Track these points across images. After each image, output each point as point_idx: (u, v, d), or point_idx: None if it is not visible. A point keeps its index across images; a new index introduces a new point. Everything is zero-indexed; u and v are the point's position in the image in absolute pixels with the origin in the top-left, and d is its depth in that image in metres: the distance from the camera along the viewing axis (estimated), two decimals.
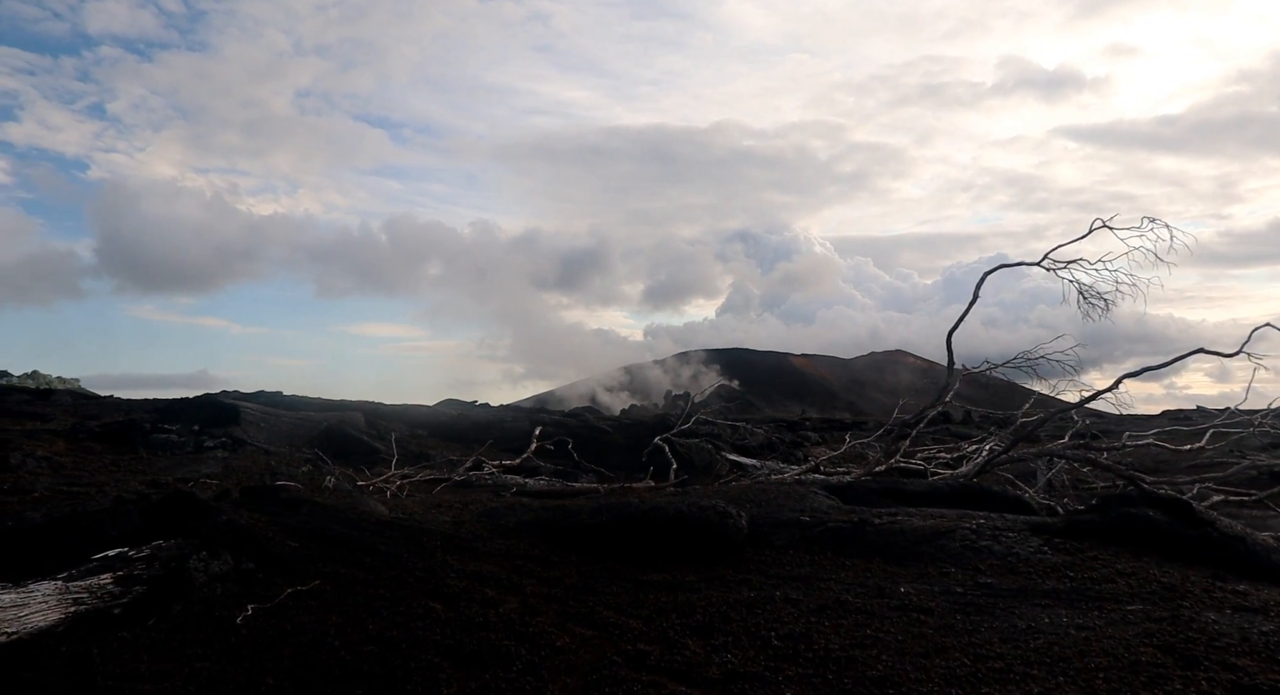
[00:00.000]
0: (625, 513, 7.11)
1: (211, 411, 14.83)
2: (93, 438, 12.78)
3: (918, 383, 72.78)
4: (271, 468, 11.66)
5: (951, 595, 5.56)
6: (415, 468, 14.21)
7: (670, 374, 67.65)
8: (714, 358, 75.94)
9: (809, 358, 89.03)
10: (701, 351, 78.65)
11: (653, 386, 64.18)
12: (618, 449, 18.19)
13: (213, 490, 8.66)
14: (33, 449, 11.14)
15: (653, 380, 65.69)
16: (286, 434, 15.16)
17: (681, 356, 74.81)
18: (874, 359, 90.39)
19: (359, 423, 17.52)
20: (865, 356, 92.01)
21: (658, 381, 65.35)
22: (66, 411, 16.98)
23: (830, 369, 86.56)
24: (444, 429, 19.92)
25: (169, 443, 12.82)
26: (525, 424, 19.64)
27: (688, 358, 74.42)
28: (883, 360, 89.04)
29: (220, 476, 10.70)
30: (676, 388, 61.45)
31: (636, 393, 62.48)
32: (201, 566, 5.73)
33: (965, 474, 12.56)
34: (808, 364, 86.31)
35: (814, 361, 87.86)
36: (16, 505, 7.65)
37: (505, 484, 13.33)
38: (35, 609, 5.06)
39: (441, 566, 6.16)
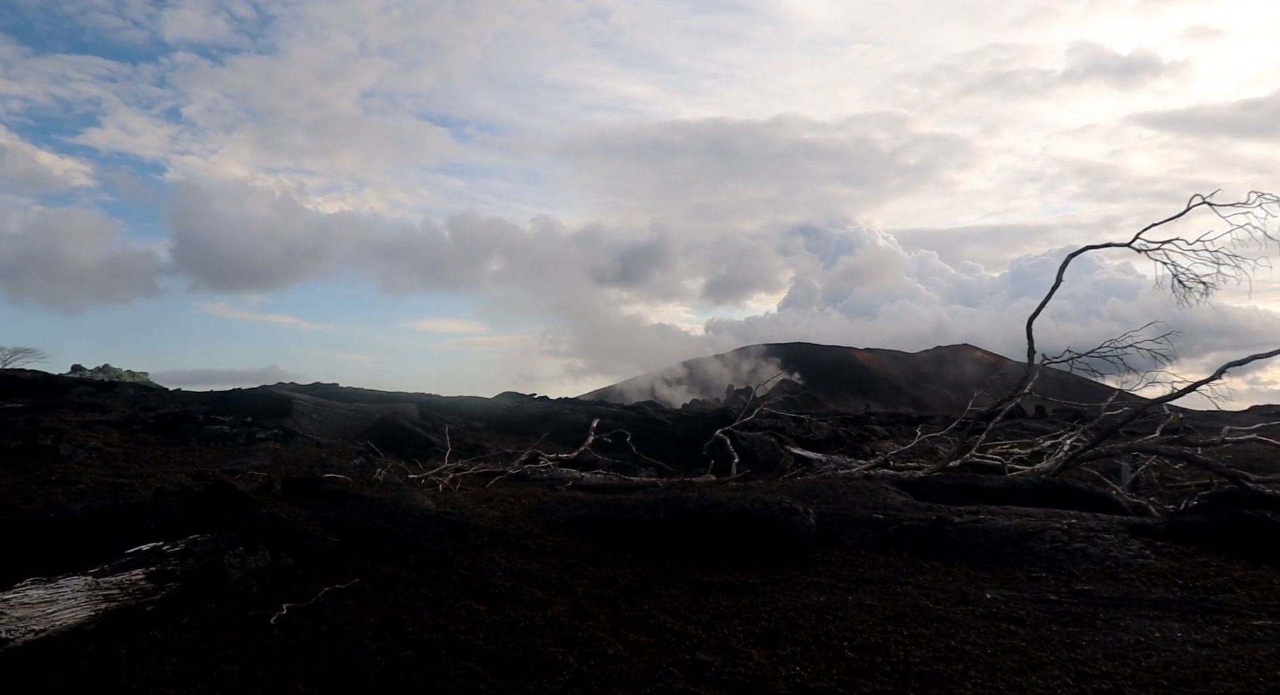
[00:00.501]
0: (683, 509, 6.74)
1: (264, 403, 14.87)
2: (146, 429, 12.85)
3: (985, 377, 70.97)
4: (322, 460, 11.55)
5: (1044, 603, 5.07)
6: (469, 460, 14.04)
7: (731, 368, 67.04)
8: (776, 352, 75.12)
9: (872, 352, 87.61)
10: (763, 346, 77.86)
11: (714, 381, 63.68)
12: (678, 442, 17.82)
13: (259, 482, 8.52)
14: (86, 440, 11.21)
15: (714, 375, 65.19)
16: (339, 426, 15.13)
17: (743, 351, 74.15)
18: (939, 353, 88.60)
19: (413, 415, 17.45)
20: (930, 351, 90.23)
21: (719, 376, 64.81)
22: (126, 404, 17.23)
23: (894, 363, 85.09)
24: (500, 421, 19.79)
25: (221, 434, 12.83)
26: (583, 416, 19.41)
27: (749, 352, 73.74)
28: (948, 354, 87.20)
29: (269, 468, 10.61)
30: (738, 382, 60.87)
31: (697, 387, 62.07)
32: (237, 562, 5.52)
33: (1047, 470, 11.92)
34: (871, 358, 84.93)
35: (877, 356, 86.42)
36: (61, 496, 7.60)
37: (561, 478, 13.06)
38: (64, 606, 4.88)
39: (488, 565, 5.87)
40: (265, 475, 9.86)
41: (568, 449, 16.29)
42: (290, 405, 14.63)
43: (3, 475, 8.50)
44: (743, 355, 72.65)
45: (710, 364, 69.21)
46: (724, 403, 49.49)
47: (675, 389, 60.65)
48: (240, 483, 8.93)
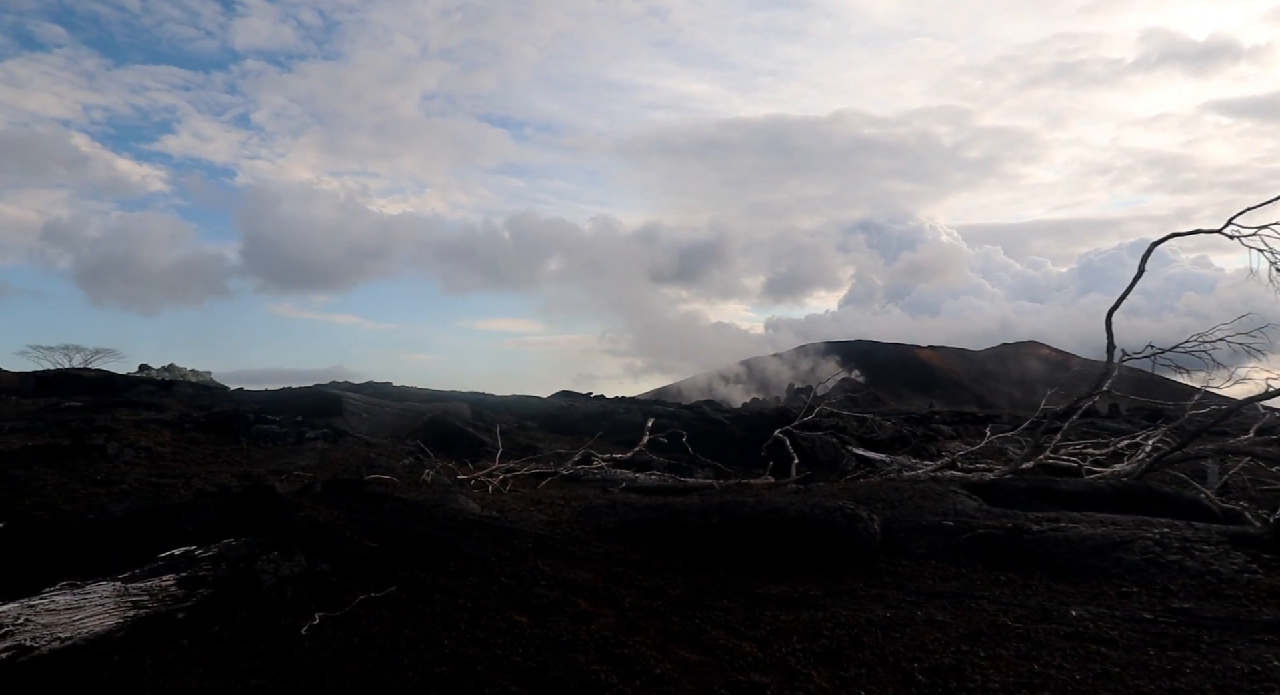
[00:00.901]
0: (739, 513, 6.41)
1: (314, 402, 14.90)
2: (197, 428, 12.93)
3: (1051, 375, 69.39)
4: (370, 460, 11.47)
5: (1138, 623, 4.64)
6: (520, 461, 13.88)
7: (791, 367, 66.40)
8: (836, 350, 74.18)
9: (935, 350, 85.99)
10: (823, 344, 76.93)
11: (774, 380, 63.16)
12: (735, 442, 17.47)
13: (302, 484, 8.41)
14: (137, 439, 11.28)
15: (774, 373, 64.65)
16: (389, 425, 15.10)
17: (803, 349, 73.40)
18: (1004, 350, 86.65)
19: (465, 414, 17.38)
20: (995, 348, 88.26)
21: (779, 374, 64.25)
22: (182, 402, 17.45)
23: (957, 361, 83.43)
24: (553, 421, 19.65)
25: (271, 434, 12.85)
26: (638, 416, 19.15)
27: (809, 350, 72.96)
28: (1014, 352, 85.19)
29: (316, 468, 10.55)
30: (798, 381, 60.25)
31: (757, 386, 61.65)
32: (271, 568, 5.36)
33: (1129, 473, 11.31)
34: (934, 356, 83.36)
35: (940, 353, 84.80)
36: (104, 496, 7.57)
37: (614, 479, 12.82)
38: (92, 613, 4.75)
39: (531, 573, 5.62)
40: (310, 476, 9.78)
41: (622, 449, 16.05)
42: (340, 404, 14.63)
43: (50, 474, 8.54)
44: (803, 353, 71.91)
45: (770, 362, 68.67)
46: (784, 401, 48.95)
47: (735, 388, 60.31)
48: (283, 483, 8.86)
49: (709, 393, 56.76)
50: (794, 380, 61.18)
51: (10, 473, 8.24)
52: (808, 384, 54.29)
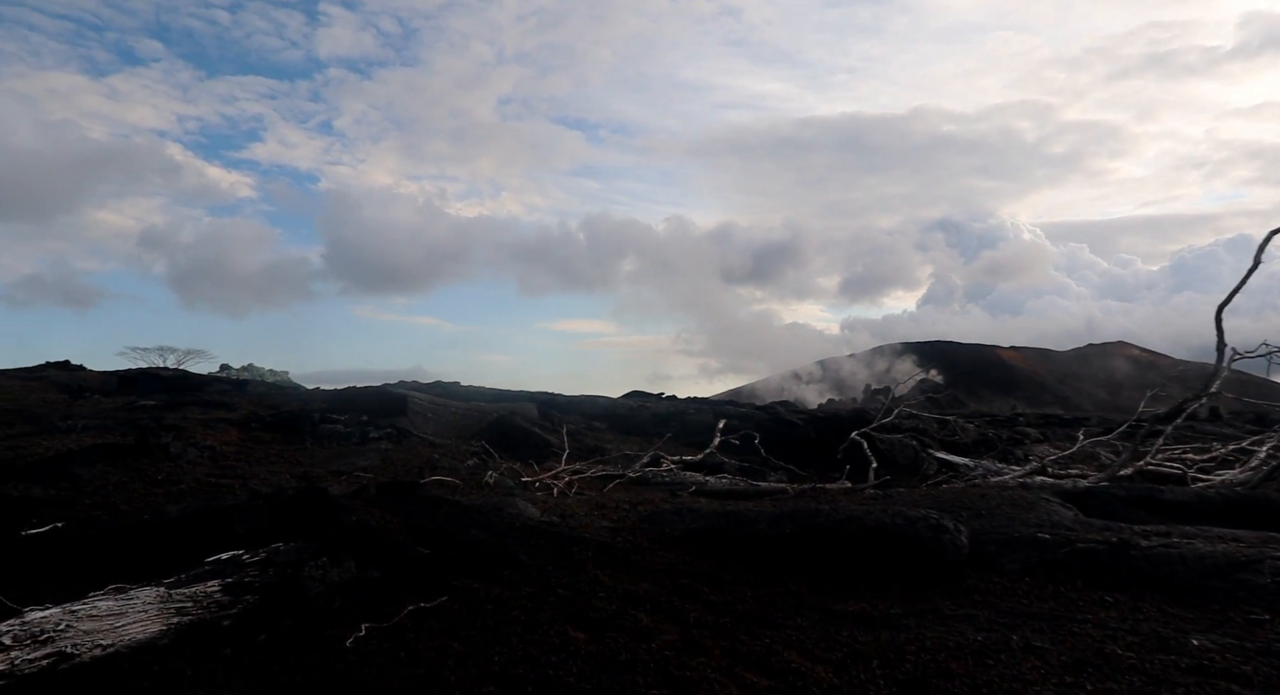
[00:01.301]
0: (813, 522, 6.03)
1: (379, 402, 14.91)
2: (264, 427, 13.03)
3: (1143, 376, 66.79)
4: (433, 461, 11.36)
5: (1274, 657, 4.14)
6: (587, 462, 13.66)
7: (868, 367, 65.24)
8: (914, 350, 72.58)
9: (1018, 350, 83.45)
10: (900, 344, 75.33)
11: (850, 381, 62.16)
12: (810, 445, 17.00)
13: (358, 485, 8.30)
14: (203, 438, 11.37)
15: (849, 374, 63.63)
16: (454, 425, 15.03)
17: (880, 350, 72.01)
18: (1090, 351, 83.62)
19: (531, 414, 17.25)
20: (1080, 349, 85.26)
21: (855, 376, 63.21)
22: (252, 402, 17.70)
23: (1041, 362, 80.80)
24: (622, 422, 19.41)
25: (335, 433, 12.86)
26: (709, 417, 18.80)
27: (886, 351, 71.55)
28: (1101, 352, 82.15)
29: (377, 469, 10.47)
30: (875, 382, 59.18)
31: (833, 387, 60.75)
32: (319, 575, 5.18)
33: (1244, 482, 10.55)
34: (1016, 357, 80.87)
35: (1023, 354, 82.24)
36: (162, 497, 7.55)
37: (683, 482, 12.51)
38: (134, 619, 4.62)
39: (590, 584, 5.35)
40: (370, 477, 9.69)
41: (692, 451, 15.73)
42: (405, 404, 14.61)
43: (113, 473, 8.59)
44: (879, 354, 70.61)
45: (845, 363, 67.58)
46: (860, 403, 48.03)
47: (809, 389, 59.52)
48: (341, 485, 8.77)
49: (783, 394, 56.14)
50: (870, 381, 60.08)
51: (74, 471, 8.31)
52: (885, 385, 53.28)
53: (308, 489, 6.40)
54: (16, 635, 4.18)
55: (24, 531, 6.60)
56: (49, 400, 18.57)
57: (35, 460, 8.96)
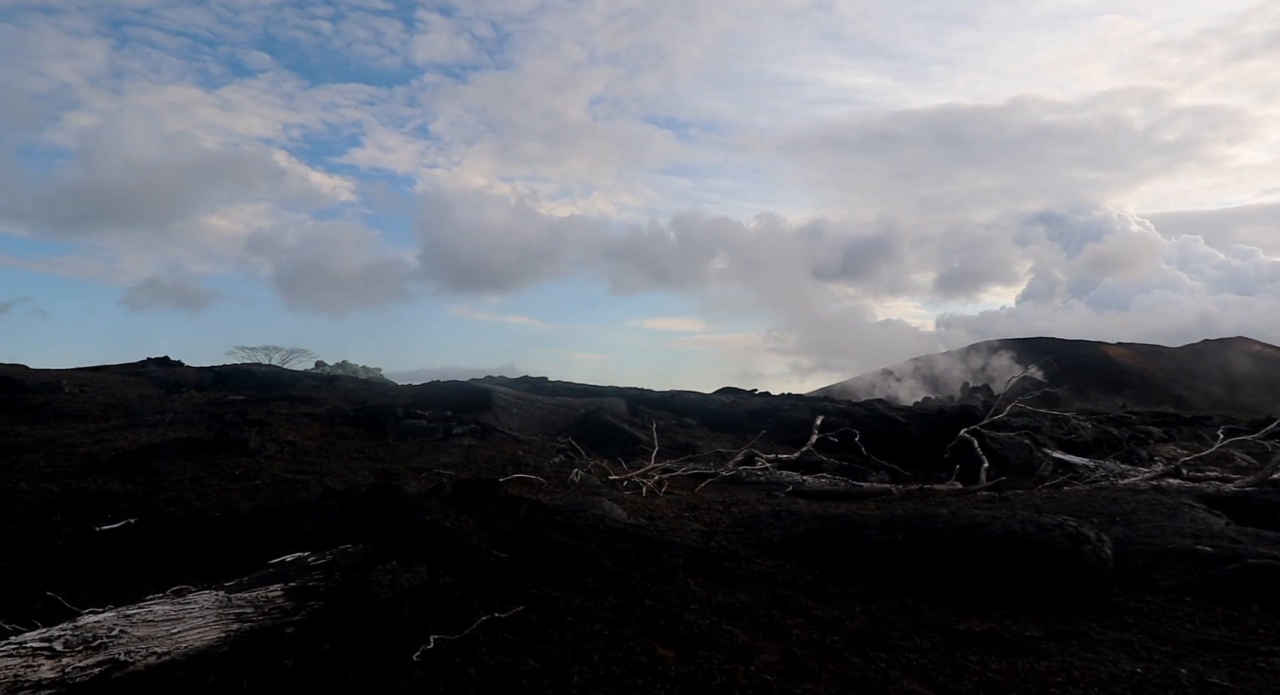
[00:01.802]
0: (931, 529, 5.46)
1: (464, 397, 14.74)
2: (347, 422, 12.98)
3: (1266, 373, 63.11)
4: (517, 458, 11.08)
5: None
6: (678, 461, 13.24)
7: (966, 365, 63.27)
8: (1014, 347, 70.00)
9: (1125, 346, 79.65)
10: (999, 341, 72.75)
11: (946, 378, 60.38)
12: (913, 443, 16.23)
13: (435, 483, 8.03)
14: (285, 433, 11.33)
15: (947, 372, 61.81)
16: (540, 421, 14.77)
17: (978, 347, 69.74)
18: (1206, 347, 79.24)
19: (620, 410, 16.89)
20: (1194, 345, 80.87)
21: (952, 373, 61.37)
22: (338, 397, 17.81)
23: (1151, 358, 76.95)
24: (714, 418, 18.90)
25: (419, 429, 12.72)
26: (805, 413, 18.18)
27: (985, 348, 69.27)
28: (1218, 348, 77.75)
29: (459, 466, 10.23)
30: (974, 379, 57.40)
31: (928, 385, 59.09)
32: (388, 580, 4.87)
33: None
34: (1124, 353, 77.18)
35: (1132, 351, 78.44)
36: (236, 493, 7.41)
37: (779, 482, 11.97)
38: (191, 625, 4.38)
39: (680, 594, 4.90)
40: (451, 474, 9.44)
41: (788, 449, 15.16)
42: (490, 399, 14.40)
43: (190, 468, 8.54)
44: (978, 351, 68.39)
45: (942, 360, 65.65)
46: (958, 401, 46.52)
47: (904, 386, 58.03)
48: (420, 482, 8.53)
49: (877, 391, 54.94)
50: (968, 379, 58.30)
51: (153, 466, 8.27)
52: (983, 382, 51.62)
53: (380, 487, 6.13)
54: (69, 641, 3.97)
55: (98, 527, 6.52)
56: (145, 395, 19.05)
57: (118, 454, 8.99)
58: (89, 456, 9.00)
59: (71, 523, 6.58)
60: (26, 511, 6.79)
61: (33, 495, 7.26)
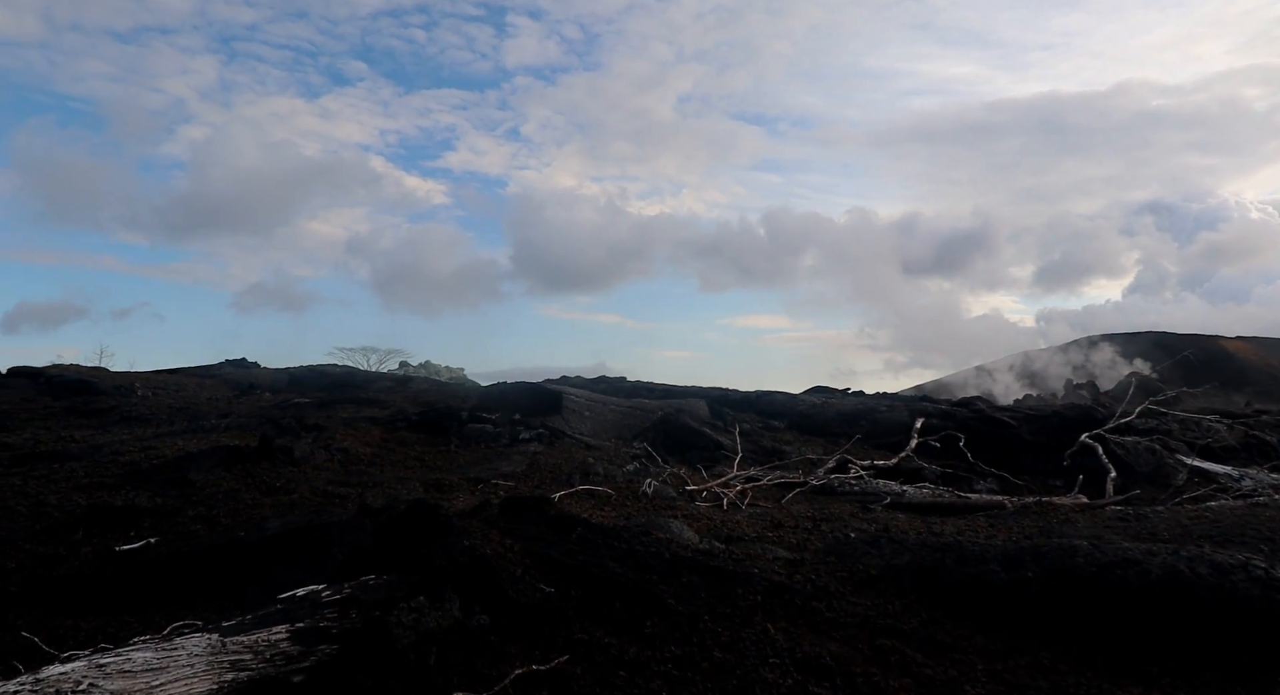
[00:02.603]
0: (1067, 565, 4.59)
1: (532, 399, 14.18)
2: (409, 426, 12.56)
3: None
4: (586, 466, 10.45)
5: None
6: (763, 468, 12.47)
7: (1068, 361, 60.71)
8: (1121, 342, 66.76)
9: (1246, 340, 75.11)
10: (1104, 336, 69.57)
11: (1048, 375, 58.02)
12: (1024, 447, 15.08)
13: (490, 499, 7.44)
14: (341, 439, 10.93)
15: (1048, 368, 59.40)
16: (614, 424, 14.13)
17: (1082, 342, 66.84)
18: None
19: (701, 412, 16.14)
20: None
21: (1054, 369, 58.95)
22: (408, 399, 17.51)
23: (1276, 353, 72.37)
24: (804, 420, 18.00)
25: (483, 434, 12.21)
26: (903, 415, 17.14)
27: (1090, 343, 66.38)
28: None
29: (521, 476, 9.65)
30: (1078, 376, 55.16)
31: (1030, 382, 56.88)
32: (411, 620, 4.25)
33: None
34: (1245, 348, 72.72)
35: (1254, 345, 73.91)
36: (270, 508, 6.95)
37: (875, 492, 11.10)
38: (176, 676, 3.81)
39: (758, 643, 4.16)
40: (511, 486, 8.87)
41: (884, 454, 14.24)
42: (560, 401, 13.81)
43: (227, 479, 8.15)
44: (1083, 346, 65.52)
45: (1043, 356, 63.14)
46: (1062, 398, 44.80)
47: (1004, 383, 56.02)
48: (477, 494, 7.97)
49: (975, 389, 53.23)
50: (1073, 376, 56.11)
51: (188, 477, 7.90)
52: (1088, 379, 49.73)
53: (417, 506, 5.53)
54: None
55: (118, 548, 6.11)
56: (216, 398, 19.10)
57: (158, 463, 8.66)
58: (130, 466, 8.71)
59: (92, 541, 6.19)
60: (48, 528, 6.43)
61: (59, 509, 6.93)
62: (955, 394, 49.06)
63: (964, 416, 16.72)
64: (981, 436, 15.26)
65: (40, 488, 7.67)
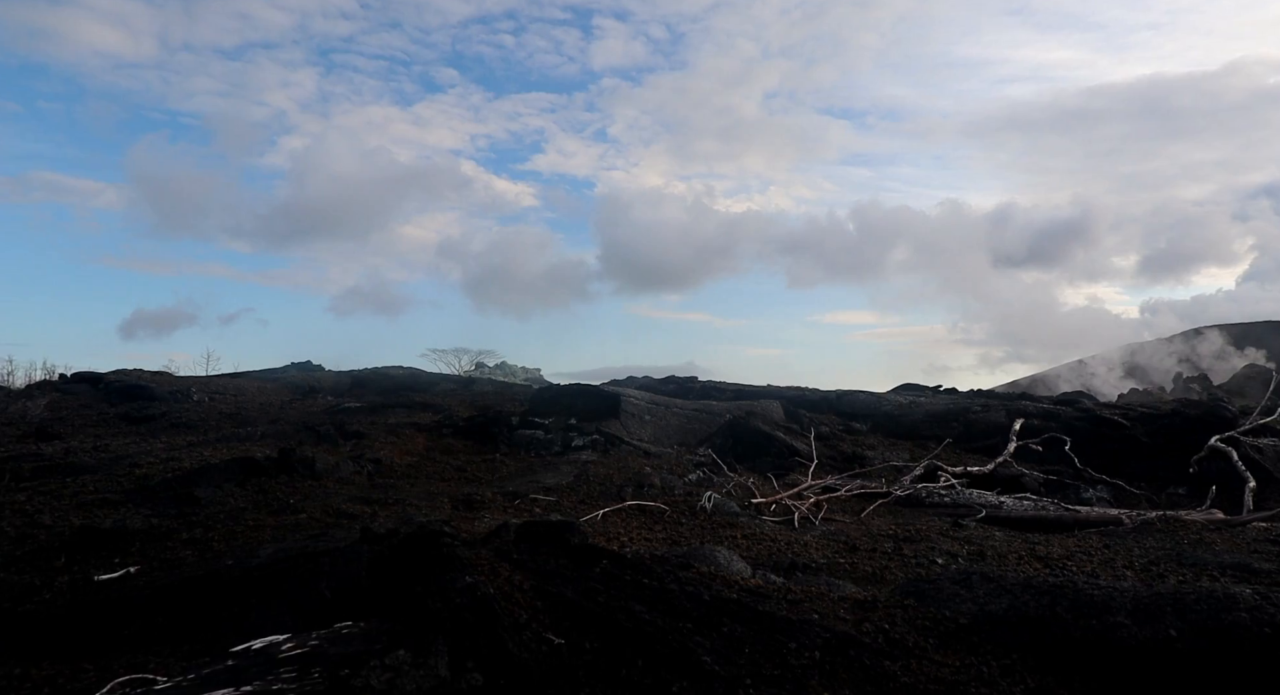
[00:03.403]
0: (1222, 620, 3.65)
1: (589, 401, 13.47)
2: (455, 433, 11.97)
3: None
4: (642, 477, 9.69)
5: None
6: (842, 476, 11.57)
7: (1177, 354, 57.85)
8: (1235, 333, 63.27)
9: None
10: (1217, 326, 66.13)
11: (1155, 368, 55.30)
12: (1140, 451, 13.86)
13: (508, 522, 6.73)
14: (380, 448, 10.38)
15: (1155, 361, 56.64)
16: (677, 429, 13.32)
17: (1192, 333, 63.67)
18: None
19: (775, 415, 15.24)
20: None
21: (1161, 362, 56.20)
22: (465, 402, 17.01)
23: None
24: (889, 422, 16.91)
25: (534, 440, 11.55)
26: (999, 415, 15.95)
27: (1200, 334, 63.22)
28: None
29: (567, 489, 8.93)
30: (1187, 369, 52.62)
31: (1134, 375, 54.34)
32: (384, 682, 3.55)
33: None
34: None
35: None
36: (271, 530, 6.36)
37: (968, 504, 10.14)
38: None
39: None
40: (553, 501, 8.16)
41: (979, 459, 13.22)
42: (618, 404, 13.06)
43: (236, 496, 7.62)
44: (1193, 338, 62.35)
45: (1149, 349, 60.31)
46: (1170, 393, 42.93)
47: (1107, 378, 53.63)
48: (510, 513, 7.28)
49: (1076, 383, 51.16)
50: (1182, 369, 53.57)
51: (194, 494, 7.38)
52: (1199, 372, 47.48)
53: (419, 532, 4.86)
54: None
55: (96, 577, 5.58)
56: (270, 403, 18.90)
57: (169, 478, 8.20)
58: (140, 480, 8.26)
59: (72, 569, 5.68)
60: (31, 552, 5.94)
61: (50, 530, 6.45)
62: (1054, 389, 47.07)
63: (1069, 416, 15.47)
64: (1089, 438, 14.08)
65: (40, 504, 7.24)
